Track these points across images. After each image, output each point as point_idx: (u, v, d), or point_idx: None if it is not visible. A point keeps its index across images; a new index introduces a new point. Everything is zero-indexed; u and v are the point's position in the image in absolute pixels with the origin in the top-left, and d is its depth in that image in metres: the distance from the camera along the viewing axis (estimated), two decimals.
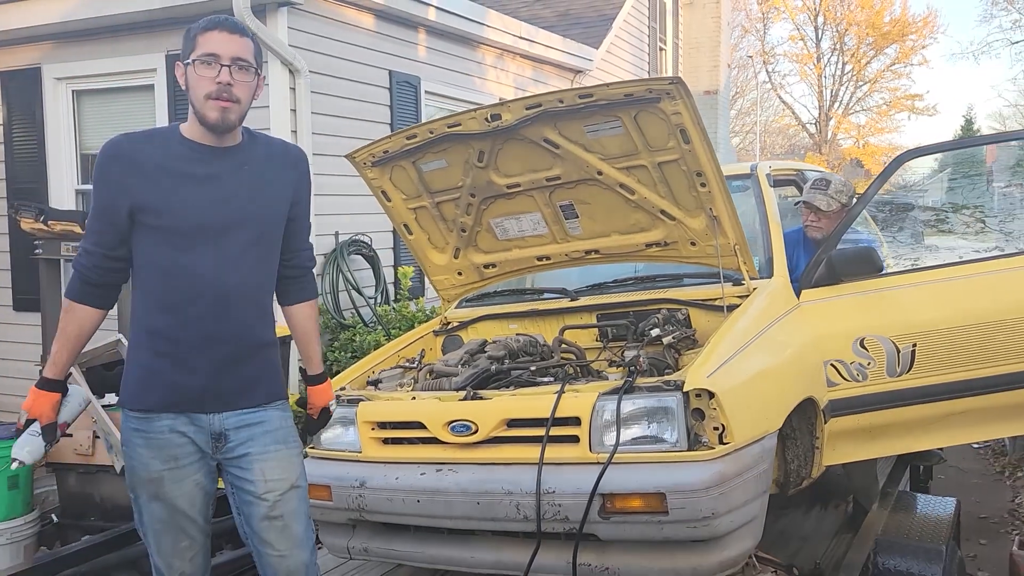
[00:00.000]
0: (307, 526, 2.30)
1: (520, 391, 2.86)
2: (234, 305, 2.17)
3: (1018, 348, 3.21)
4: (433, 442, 2.83)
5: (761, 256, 3.39)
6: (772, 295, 3.19)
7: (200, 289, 2.13)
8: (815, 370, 3.16)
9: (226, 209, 2.15)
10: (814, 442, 3.15)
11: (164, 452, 2.17)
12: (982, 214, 4.67)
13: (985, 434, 3.95)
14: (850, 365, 3.21)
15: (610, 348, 3.37)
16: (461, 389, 2.92)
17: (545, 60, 8.88)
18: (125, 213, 2.12)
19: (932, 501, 3.76)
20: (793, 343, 3.11)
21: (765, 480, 2.70)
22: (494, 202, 3.43)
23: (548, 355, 3.22)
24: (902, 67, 34.98)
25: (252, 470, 2.21)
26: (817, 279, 3.32)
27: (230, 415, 2.20)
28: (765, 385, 2.86)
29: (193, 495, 2.22)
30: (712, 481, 2.43)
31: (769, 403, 2.81)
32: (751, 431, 2.62)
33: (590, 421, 2.59)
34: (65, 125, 6.44)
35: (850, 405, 3.22)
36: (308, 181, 2.37)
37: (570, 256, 3.55)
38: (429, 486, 2.74)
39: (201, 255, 2.13)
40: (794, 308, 3.24)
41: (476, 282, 3.79)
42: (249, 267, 2.20)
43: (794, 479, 3.13)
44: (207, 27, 2.08)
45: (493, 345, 3.25)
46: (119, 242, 2.17)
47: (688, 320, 3.25)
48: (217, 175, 2.16)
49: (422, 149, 3.31)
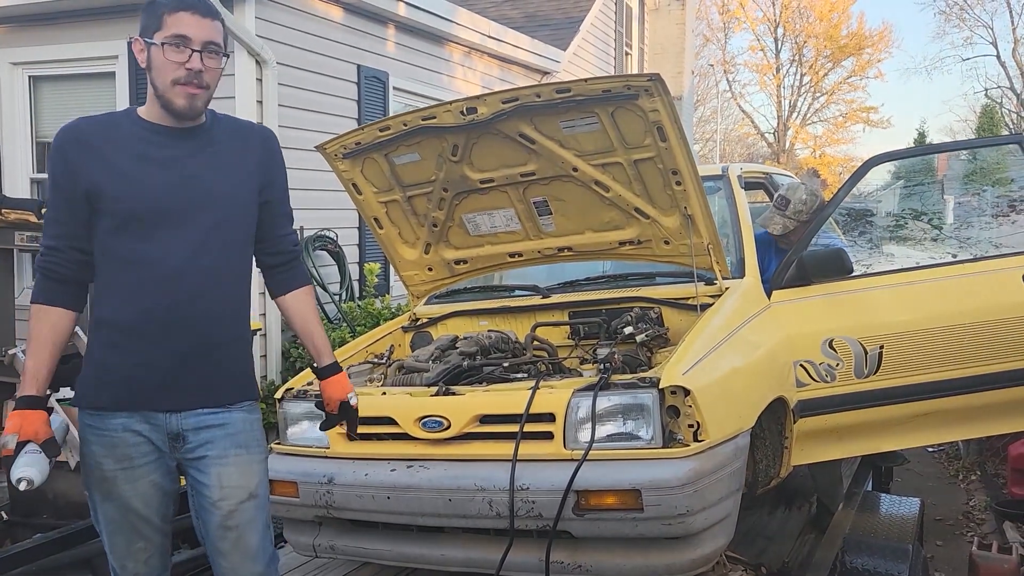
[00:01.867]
0: (263, 536, 2.17)
1: (493, 387, 2.83)
2: (198, 294, 2.04)
3: (980, 351, 3.26)
4: (404, 438, 2.78)
5: (733, 256, 3.41)
6: (744, 295, 3.20)
7: (160, 277, 2.01)
8: (785, 370, 3.18)
9: (188, 192, 2.04)
10: (783, 442, 3.17)
11: (117, 451, 2.06)
12: (938, 221, 4.76)
13: (950, 436, 4.02)
14: (819, 366, 3.24)
15: (582, 346, 3.35)
16: (433, 384, 2.88)
17: (513, 60, 8.88)
18: (83, 199, 2.00)
19: (897, 501, 3.82)
20: (764, 343, 3.13)
21: (738, 478, 2.70)
22: (467, 197, 3.39)
23: (520, 352, 3.19)
24: (858, 80, 35.73)
25: (209, 474, 2.09)
26: (788, 280, 3.34)
27: (189, 415, 2.08)
28: (738, 384, 2.87)
29: (148, 495, 2.10)
30: (687, 478, 2.42)
31: (742, 401, 2.82)
32: (726, 429, 2.62)
33: (565, 417, 2.57)
34: (21, 112, 6.25)
35: (818, 405, 3.24)
36: (280, 161, 2.25)
37: (543, 253, 3.53)
38: (399, 482, 2.70)
39: (162, 241, 2.01)
40: (765, 308, 3.25)
41: (446, 278, 3.75)
42: (215, 253, 2.07)
43: (762, 479, 3.14)
44: (177, 6, 1.96)
45: (464, 341, 3.22)
46: (83, 231, 2.04)
47: (660, 319, 3.25)
48: (177, 157, 2.05)
49: (395, 142, 3.26)
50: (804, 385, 3.22)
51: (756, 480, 3.12)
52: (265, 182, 2.19)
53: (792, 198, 3.74)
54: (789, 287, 3.33)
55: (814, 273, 3.31)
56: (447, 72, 7.89)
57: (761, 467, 3.13)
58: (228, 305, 2.13)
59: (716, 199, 3.62)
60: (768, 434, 3.12)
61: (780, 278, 3.36)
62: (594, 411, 2.53)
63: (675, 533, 2.46)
